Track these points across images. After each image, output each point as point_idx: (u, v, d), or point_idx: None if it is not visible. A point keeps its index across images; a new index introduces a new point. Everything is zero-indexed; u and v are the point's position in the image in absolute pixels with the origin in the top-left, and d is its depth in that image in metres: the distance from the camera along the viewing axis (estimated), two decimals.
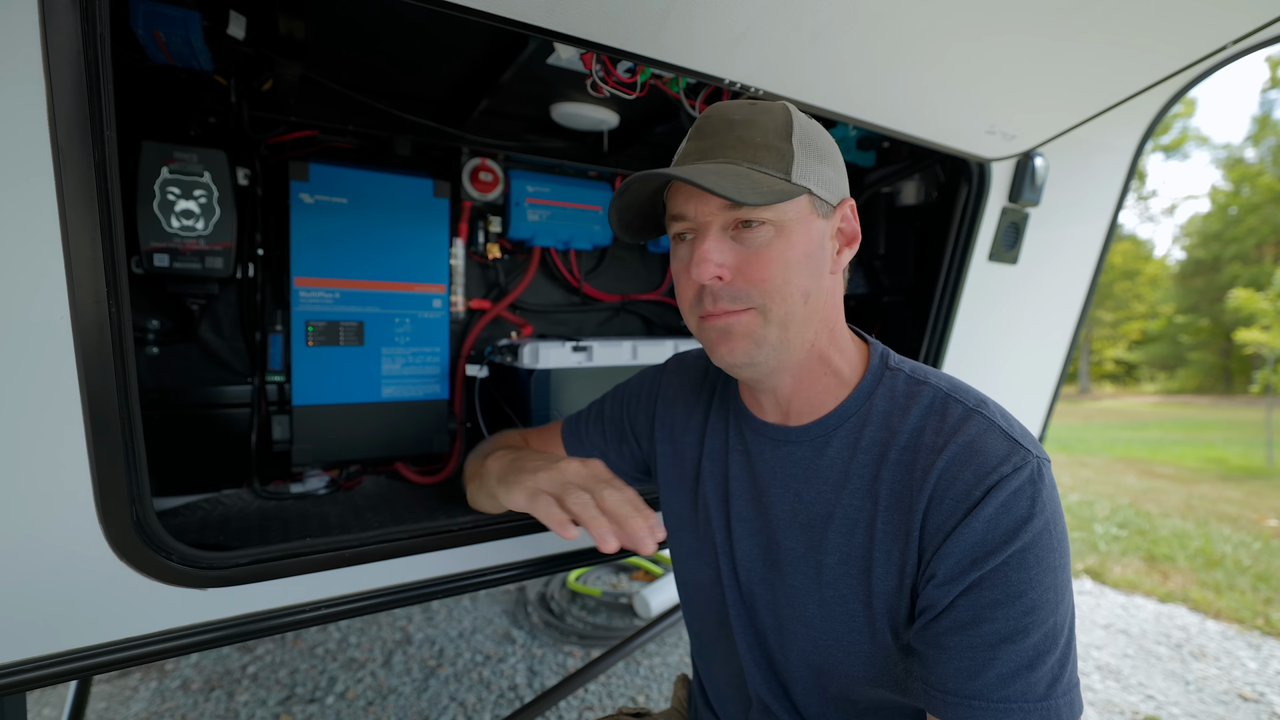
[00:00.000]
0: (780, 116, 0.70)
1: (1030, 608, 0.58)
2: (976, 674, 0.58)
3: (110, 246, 0.70)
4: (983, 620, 0.59)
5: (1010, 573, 0.58)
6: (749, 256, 0.67)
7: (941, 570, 0.61)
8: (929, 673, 0.62)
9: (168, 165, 1.21)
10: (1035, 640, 0.58)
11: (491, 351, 1.63)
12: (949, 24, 0.98)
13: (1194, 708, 2.10)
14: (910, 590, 0.65)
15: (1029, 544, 0.58)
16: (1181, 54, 1.13)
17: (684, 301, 0.74)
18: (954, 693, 0.59)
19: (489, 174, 1.64)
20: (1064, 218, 1.76)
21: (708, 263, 0.67)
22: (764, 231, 0.67)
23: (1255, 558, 3.66)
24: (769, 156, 0.67)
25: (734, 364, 0.71)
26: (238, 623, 0.90)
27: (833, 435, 0.73)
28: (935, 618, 0.62)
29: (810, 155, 0.69)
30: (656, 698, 2.09)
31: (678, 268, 0.74)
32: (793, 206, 0.68)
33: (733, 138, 0.69)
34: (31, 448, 0.72)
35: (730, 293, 0.68)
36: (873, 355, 0.76)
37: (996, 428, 0.64)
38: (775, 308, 0.68)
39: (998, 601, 0.58)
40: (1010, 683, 0.57)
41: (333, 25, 1.19)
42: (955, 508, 0.61)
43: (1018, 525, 0.59)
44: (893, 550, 0.65)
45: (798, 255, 0.68)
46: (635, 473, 1.00)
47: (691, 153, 0.71)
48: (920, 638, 0.63)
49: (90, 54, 0.65)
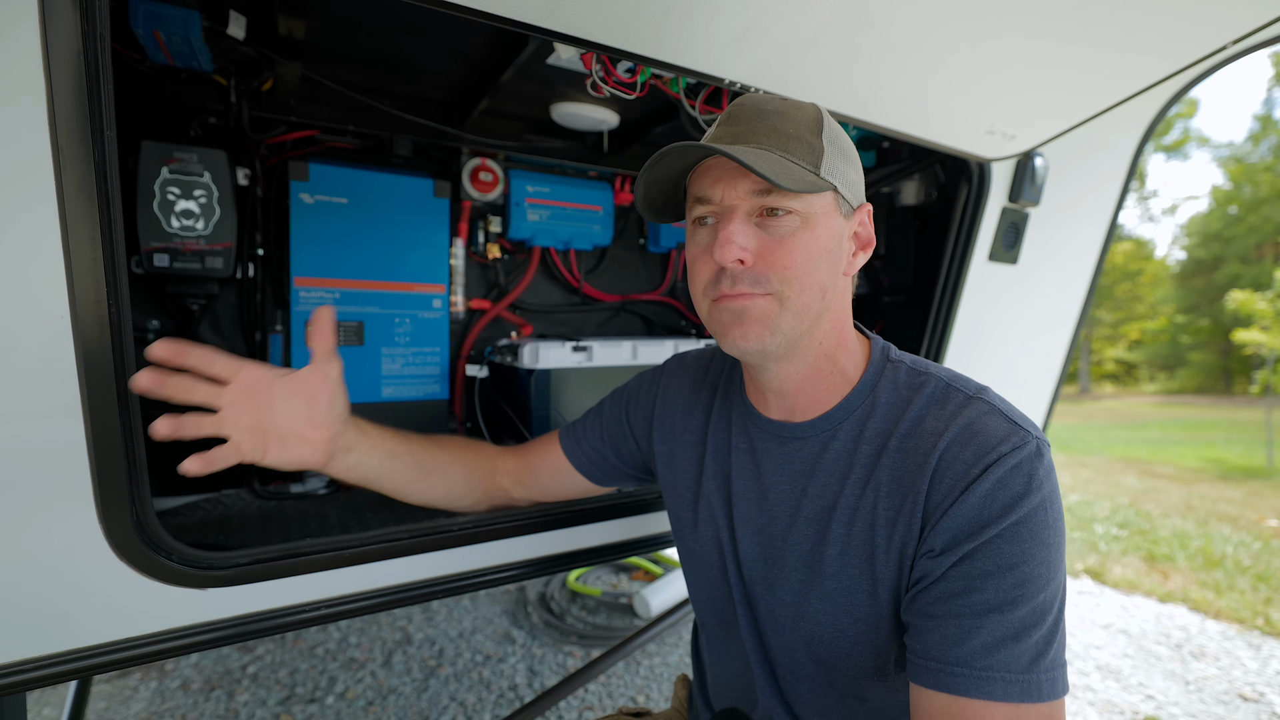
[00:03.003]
0: (811, 112, 0.71)
1: (1021, 580, 0.58)
2: (961, 641, 0.58)
3: (110, 246, 0.69)
4: (972, 590, 0.59)
5: (1004, 545, 0.58)
6: (773, 244, 0.67)
7: (937, 544, 0.61)
8: (915, 642, 0.62)
9: (168, 165, 1.21)
10: (1023, 613, 0.58)
11: (491, 351, 1.63)
12: (949, 24, 0.98)
13: (1194, 708, 2.10)
14: (910, 569, 0.65)
15: (1024, 518, 0.59)
16: (1181, 54, 1.13)
17: (698, 285, 0.73)
18: (937, 659, 0.59)
19: (489, 174, 1.64)
20: (1064, 218, 1.76)
21: (732, 244, 0.66)
22: (790, 221, 0.67)
23: (1255, 558, 3.66)
24: (801, 148, 0.68)
25: (745, 349, 0.70)
26: (238, 623, 0.90)
27: (838, 429, 0.73)
28: (926, 588, 0.62)
29: (837, 154, 0.70)
30: (656, 698, 2.09)
31: (695, 252, 0.73)
32: (819, 200, 0.68)
33: (766, 126, 0.68)
34: (32, 447, 0.71)
35: (750, 276, 0.67)
36: (874, 350, 0.76)
37: (997, 411, 0.65)
38: (794, 296, 0.67)
39: (989, 572, 0.58)
40: (994, 652, 0.57)
41: (333, 25, 1.19)
42: (954, 485, 0.61)
43: (1014, 499, 0.59)
44: (893, 535, 0.65)
45: (820, 249, 0.68)
46: (636, 474, 1.00)
47: (723, 137, 0.70)
48: (910, 609, 0.63)
49: (90, 54, 0.65)
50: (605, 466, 0.99)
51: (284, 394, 0.78)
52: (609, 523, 1.19)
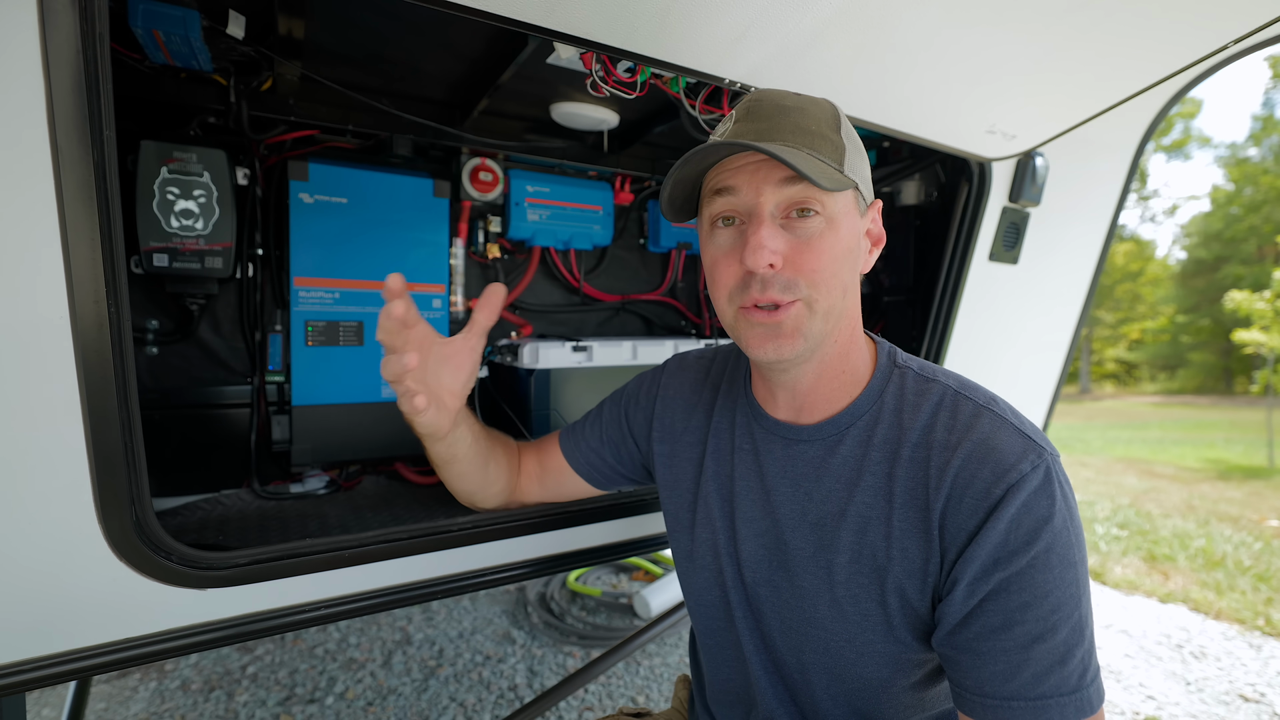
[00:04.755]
0: (828, 109, 0.70)
1: (1056, 605, 0.59)
2: (1012, 676, 0.59)
3: (109, 246, 0.69)
4: (1013, 624, 0.59)
5: (1036, 574, 0.59)
6: (800, 246, 0.66)
7: (967, 573, 0.61)
8: (964, 677, 0.62)
9: (167, 165, 1.21)
10: (1064, 636, 0.59)
11: (491, 351, 1.63)
12: (949, 23, 0.98)
13: (1194, 708, 2.10)
14: (933, 590, 0.65)
15: (1051, 544, 0.59)
16: (1181, 54, 1.13)
17: (722, 289, 0.70)
18: (991, 695, 0.60)
19: (489, 174, 1.64)
20: (1064, 218, 1.76)
21: (764, 249, 0.65)
22: (816, 222, 0.66)
23: (1256, 558, 3.66)
24: (826, 146, 0.67)
25: (776, 360, 0.69)
26: (238, 623, 0.89)
27: (845, 433, 0.72)
28: (964, 622, 0.62)
29: (855, 151, 0.70)
30: (656, 698, 2.09)
31: (716, 254, 0.71)
32: (842, 199, 0.68)
33: (789, 123, 0.67)
34: (31, 448, 0.71)
35: (781, 281, 0.66)
36: (880, 353, 0.76)
37: (1009, 424, 0.65)
38: (821, 300, 0.67)
39: (1026, 604, 0.59)
40: (1044, 680, 0.59)
41: (333, 25, 1.19)
42: (976, 507, 0.61)
43: (1039, 525, 0.59)
44: (910, 548, 0.65)
45: (843, 249, 0.68)
46: (635, 475, 1.00)
47: (745, 133, 0.68)
48: (951, 643, 0.63)
49: (89, 54, 0.65)
50: (604, 469, 0.99)
51: (438, 357, 0.82)
52: (609, 523, 1.19)
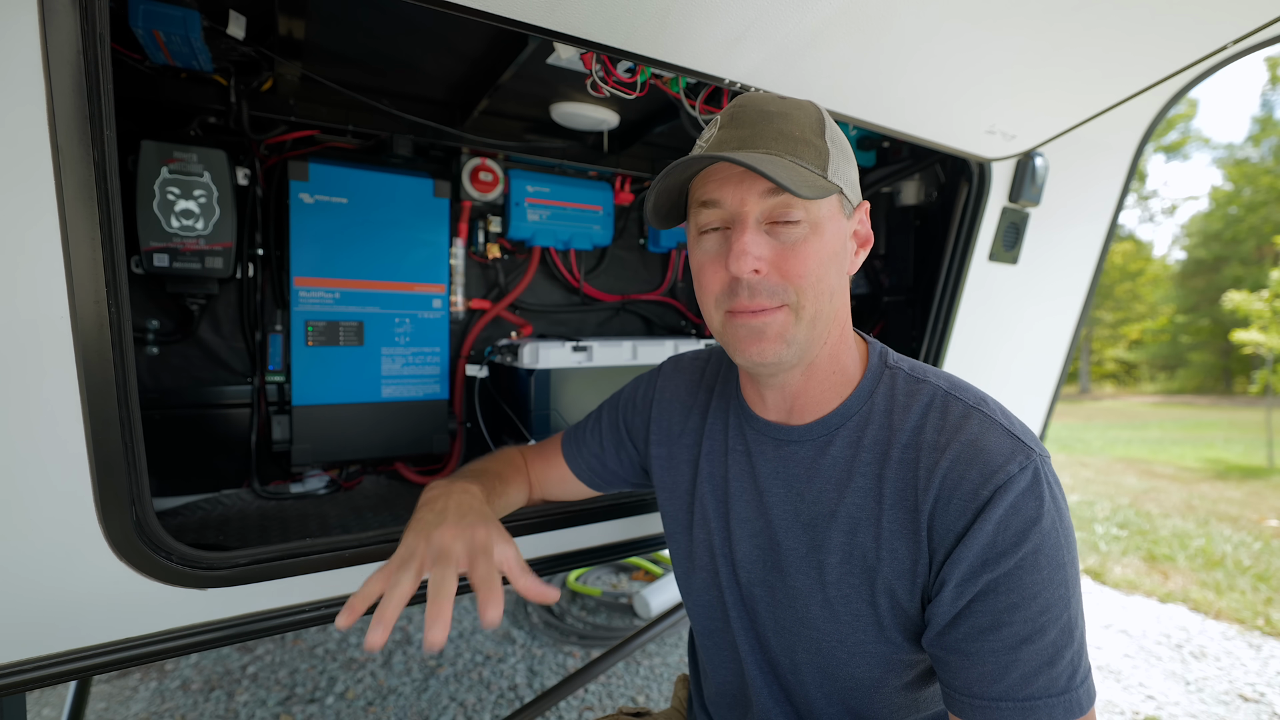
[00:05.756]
0: (813, 113, 0.70)
1: (1045, 607, 0.59)
2: (1000, 677, 0.59)
3: (110, 247, 0.69)
4: (1002, 625, 0.59)
5: (1024, 575, 0.59)
6: (785, 252, 0.67)
7: (955, 574, 0.61)
8: (953, 678, 0.63)
9: (167, 165, 1.21)
10: (1053, 637, 0.59)
11: (491, 351, 1.63)
12: (949, 23, 0.98)
13: (1194, 708, 2.10)
14: (922, 590, 0.65)
15: (1039, 545, 0.59)
16: (1181, 54, 1.13)
17: (709, 295, 0.71)
18: (980, 696, 0.60)
19: (489, 174, 1.64)
20: (1064, 218, 1.76)
21: (747, 255, 0.65)
22: (800, 228, 0.66)
23: (1255, 558, 3.66)
24: (809, 152, 0.67)
25: (761, 364, 0.70)
26: (238, 623, 0.90)
27: (836, 434, 0.72)
28: (953, 623, 0.62)
29: (839, 154, 0.70)
30: (656, 698, 2.09)
31: (703, 260, 0.71)
32: (826, 204, 0.68)
33: (772, 129, 0.67)
34: (31, 448, 0.71)
35: (766, 287, 0.67)
36: (871, 354, 0.76)
37: (998, 425, 0.64)
38: (808, 305, 0.67)
39: (1014, 605, 0.59)
40: (1033, 680, 0.59)
41: (333, 25, 1.19)
42: (964, 508, 0.61)
43: (1026, 527, 0.59)
44: (899, 549, 0.65)
45: (828, 254, 0.68)
46: (635, 478, 1.00)
47: (728, 141, 0.68)
48: (940, 644, 0.64)
49: (90, 54, 0.65)
50: (604, 473, 1.00)
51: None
52: (609, 523, 1.19)
